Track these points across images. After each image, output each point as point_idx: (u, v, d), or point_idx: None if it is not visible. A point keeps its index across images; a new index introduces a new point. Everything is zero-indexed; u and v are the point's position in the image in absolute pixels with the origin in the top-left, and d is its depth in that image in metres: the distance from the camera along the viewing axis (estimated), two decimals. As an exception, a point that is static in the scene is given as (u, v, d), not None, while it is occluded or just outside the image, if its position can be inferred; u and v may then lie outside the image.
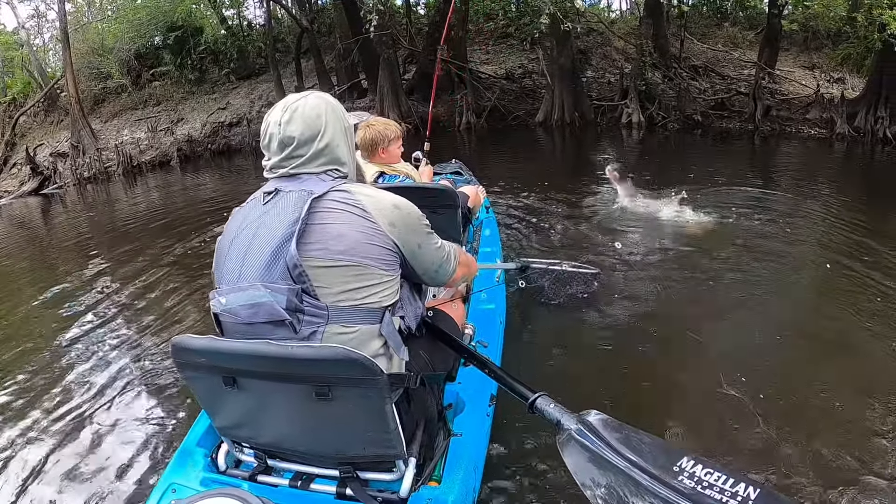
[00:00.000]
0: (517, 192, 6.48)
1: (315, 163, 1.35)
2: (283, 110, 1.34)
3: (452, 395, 1.80)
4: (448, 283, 1.59)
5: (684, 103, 11.21)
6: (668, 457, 1.27)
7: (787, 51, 12.83)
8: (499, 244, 3.38)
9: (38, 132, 15.49)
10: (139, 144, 13.36)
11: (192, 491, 1.44)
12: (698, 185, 6.10)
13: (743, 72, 12.45)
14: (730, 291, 3.61)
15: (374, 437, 1.30)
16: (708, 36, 14.59)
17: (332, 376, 1.21)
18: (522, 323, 3.19)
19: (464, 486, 1.48)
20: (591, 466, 1.28)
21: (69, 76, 13.87)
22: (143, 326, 3.94)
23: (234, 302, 1.29)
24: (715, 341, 2.98)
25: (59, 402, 3.02)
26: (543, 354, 2.88)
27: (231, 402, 1.35)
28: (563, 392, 2.19)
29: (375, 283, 1.31)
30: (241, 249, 1.31)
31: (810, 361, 2.77)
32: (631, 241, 4.62)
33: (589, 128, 11.84)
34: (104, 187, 12.61)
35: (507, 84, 13.52)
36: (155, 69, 15.60)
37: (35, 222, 11.02)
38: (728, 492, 1.15)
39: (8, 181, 14.01)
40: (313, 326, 1.27)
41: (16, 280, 6.12)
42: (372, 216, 1.30)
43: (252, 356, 1.24)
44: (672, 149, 9.69)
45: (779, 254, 4.23)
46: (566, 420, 1.40)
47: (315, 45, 13.41)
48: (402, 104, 12.20)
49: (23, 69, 18.17)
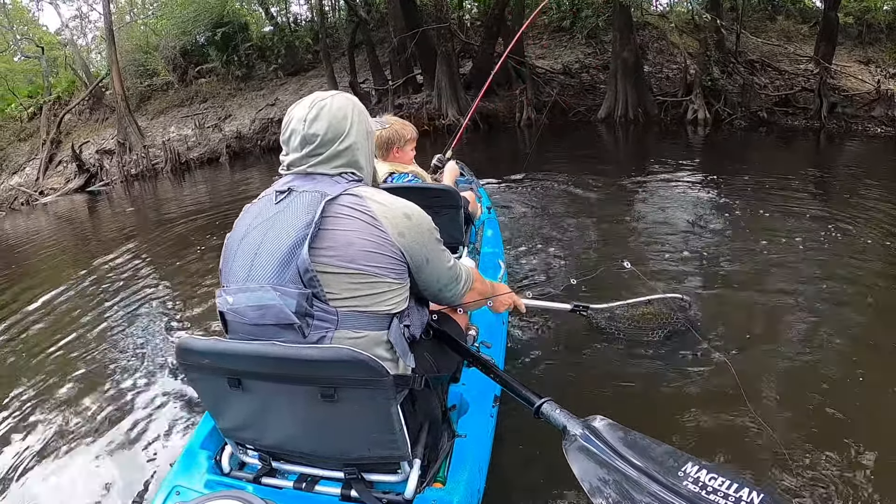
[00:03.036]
0: (580, 195, 6.10)
1: (333, 163, 1.32)
2: (309, 107, 1.31)
3: (456, 396, 1.79)
4: (456, 305, 1.57)
5: (749, 99, 10.56)
6: (674, 462, 1.28)
7: (842, 44, 12.14)
8: (501, 245, 3.31)
9: (84, 130, 15.30)
10: (186, 141, 13.04)
11: (196, 493, 1.43)
12: (769, 187, 5.68)
13: (799, 66, 11.84)
14: (757, 298, 3.32)
15: (379, 438, 1.30)
16: (760, 30, 13.95)
17: (338, 377, 1.20)
18: (525, 327, 3.08)
19: (468, 488, 1.47)
20: (597, 471, 1.29)
21: (115, 74, 13.65)
22: (169, 327, 3.86)
23: (242, 302, 1.27)
24: (729, 349, 2.73)
25: (64, 402, 3.01)
26: (546, 356, 2.80)
27: (235, 404, 1.35)
28: (567, 396, 2.23)
29: (385, 290, 1.29)
30: (251, 249, 1.28)
31: (832, 374, 2.55)
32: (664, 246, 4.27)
33: (652, 124, 11.26)
34: (151, 184, 12.31)
35: (565, 79, 12.94)
36: (201, 66, 15.34)
37: (81, 219, 10.82)
38: (732, 497, 1.16)
39: (54, 179, 13.79)
40: (322, 331, 1.25)
41: (53, 274, 6.14)
42: (381, 224, 1.27)
43: (256, 357, 1.23)
44: (740, 147, 9.05)
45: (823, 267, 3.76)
46: (572, 425, 1.40)
47: (369, 38, 12.96)
48: (460, 100, 11.68)
49: (67, 68, 18.09)
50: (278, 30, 15.16)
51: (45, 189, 13.60)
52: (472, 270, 1.56)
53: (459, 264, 1.49)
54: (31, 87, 18.23)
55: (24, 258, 7.61)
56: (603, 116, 11.67)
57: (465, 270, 1.51)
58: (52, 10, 22.93)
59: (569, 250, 4.33)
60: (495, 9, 11.93)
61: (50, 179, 13.86)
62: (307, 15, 16.50)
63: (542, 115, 11.87)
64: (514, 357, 2.67)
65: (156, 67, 15.70)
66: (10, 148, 15.78)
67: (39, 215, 12.00)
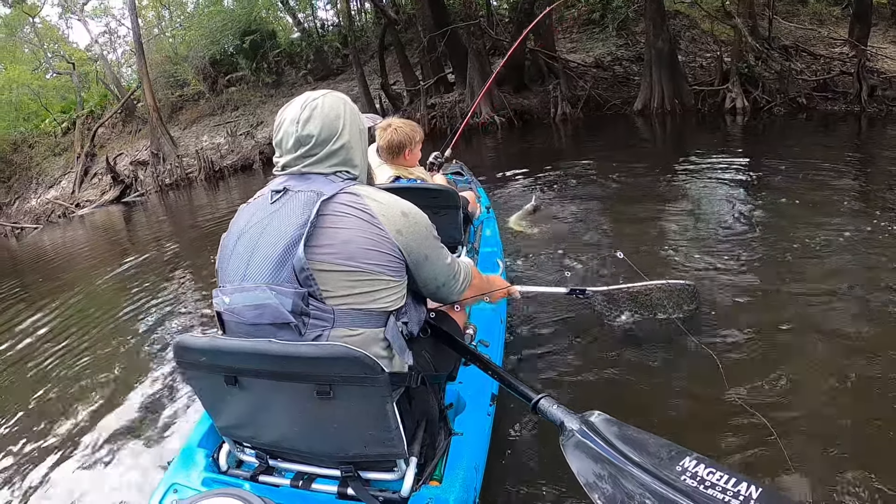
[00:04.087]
0: (612, 188, 5.81)
1: (327, 163, 1.32)
2: (301, 108, 1.31)
3: (453, 394, 1.79)
4: (455, 301, 1.56)
5: (787, 85, 10.19)
6: (671, 456, 1.27)
7: (876, 25, 11.73)
8: (499, 244, 3.28)
9: (117, 142, 15.47)
10: (219, 150, 13.08)
11: (194, 491, 1.44)
12: (811, 177, 5.26)
13: (833, 50, 11.44)
14: (778, 292, 3.08)
15: (376, 436, 1.28)
16: (792, 13, 13.57)
17: (334, 375, 1.19)
18: (524, 322, 3.03)
19: (465, 486, 1.46)
20: (595, 467, 1.28)
21: (146, 86, 13.78)
22: (189, 326, 3.88)
23: (239, 302, 1.27)
24: (725, 346, 2.62)
25: (64, 401, 3.04)
26: (544, 353, 2.75)
27: (232, 402, 1.35)
28: (565, 393, 2.32)
29: (382, 288, 1.28)
30: (246, 249, 1.28)
31: (830, 373, 2.37)
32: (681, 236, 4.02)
33: (689, 115, 10.93)
34: (186, 193, 12.35)
35: (598, 72, 12.67)
36: (231, 74, 15.41)
37: (116, 228, 10.92)
38: (730, 491, 1.15)
39: (89, 191, 13.94)
40: (318, 329, 1.24)
41: (82, 280, 6.26)
42: (379, 222, 1.26)
43: (253, 355, 1.22)
44: (779, 135, 8.65)
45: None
46: (569, 421, 1.40)
47: (398, 39, 12.86)
48: (493, 97, 11.48)
49: (98, 83, 18.35)
50: (306, 35, 15.14)
51: (82, 201, 13.74)
52: (470, 267, 1.56)
53: (458, 261, 1.49)
54: (63, 103, 18.55)
55: (59, 268, 7.70)
56: (639, 108, 11.35)
57: (463, 267, 1.50)
58: (80, 28, 23.32)
59: (587, 241, 4.18)
60: (524, 3, 11.75)
61: (86, 192, 14.02)
62: (334, 20, 16.52)
63: (577, 110, 11.64)
64: (511, 354, 2.67)
65: (186, 78, 15.81)
66: (46, 163, 16.04)
67: (76, 227, 12.11)
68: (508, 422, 2.12)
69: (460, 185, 3.62)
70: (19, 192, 15.41)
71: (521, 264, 3.85)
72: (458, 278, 1.47)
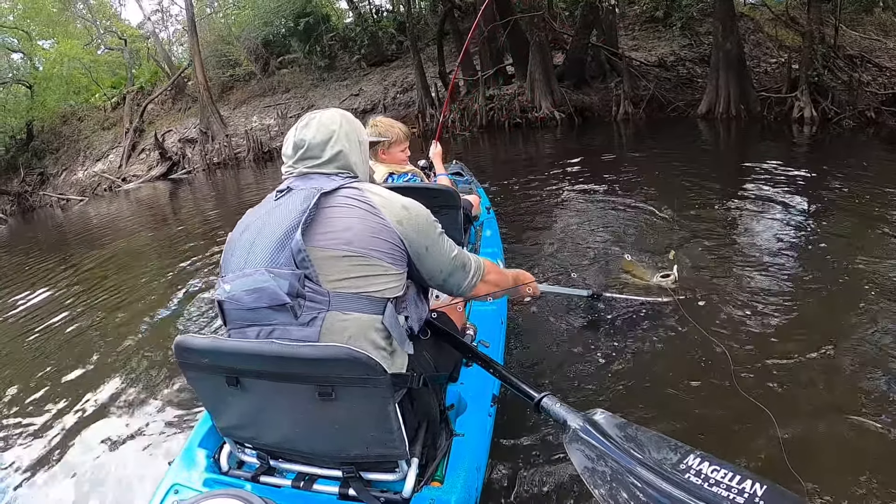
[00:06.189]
0: (662, 193, 5.34)
1: (328, 166, 1.36)
2: (303, 119, 1.41)
3: (454, 395, 1.76)
4: (468, 296, 1.55)
5: (856, 97, 9.55)
6: (675, 454, 1.25)
7: None
8: (500, 245, 3.29)
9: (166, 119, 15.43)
10: (269, 131, 12.91)
11: (195, 492, 1.43)
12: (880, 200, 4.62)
13: None
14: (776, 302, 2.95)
15: (377, 437, 1.28)
16: (857, 22, 12.79)
17: (336, 376, 1.19)
18: (524, 322, 3.04)
19: (466, 487, 1.44)
20: (598, 465, 1.26)
21: (197, 64, 13.68)
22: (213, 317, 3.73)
23: (238, 288, 1.27)
24: (733, 343, 2.59)
25: (69, 400, 3.00)
26: (545, 351, 2.75)
27: (234, 403, 1.33)
28: (566, 392, 2.33)
29: (380, 273, 1.28)
30: (249, 240, 1.30)
31: (840, 371, 2.36)
32: None
33: (754, 122, 10.38)
34: (233, 172, 12.21)
35: (661, 72, 12.16)
36: (283, 56, 15.25)
37: (161, 204, 10.84)
38: (735, 488, 1.13)
39: (136, 166, 13.90)
40: (314, 312, 1.24)
41: (130, 258, 6.22)
42: (381, 212, 1.29)
43: (255, 356, 1.22)
44: (846, 149, 7.87)
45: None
46: (572, 419, 1.38)
47: (457, 28, 12.52)
48: (554, 91, 11.07)
49: (149, 60, 18.39)
50: (361, 20, 14.89)
51: (128, 176, 13.71)
52: (484, 261, 1.55)
53: (466, 254, 1.48)
54: (114, 79, 18.65)
55: (101, 242, 7.67)
56: (703, 112, 10.79)
57: (473, 260, 1.49)
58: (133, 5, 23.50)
59: (628, 246, 3.90)
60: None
61: (132, 167, 13.99)
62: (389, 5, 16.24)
63: (640, 110, 11.17)
64: (513, 353, 2.68)
65: (238, 58, 15.70)
66: (94, 136, 16.10)
67: (122, 201, 12.07)
68: (509, 422, 2.13)
69: (461, 186, 3.69)
70: (66, 165, 15.48)
71: (549, 264, 3.78)
72: (468, 271, 1.47)
